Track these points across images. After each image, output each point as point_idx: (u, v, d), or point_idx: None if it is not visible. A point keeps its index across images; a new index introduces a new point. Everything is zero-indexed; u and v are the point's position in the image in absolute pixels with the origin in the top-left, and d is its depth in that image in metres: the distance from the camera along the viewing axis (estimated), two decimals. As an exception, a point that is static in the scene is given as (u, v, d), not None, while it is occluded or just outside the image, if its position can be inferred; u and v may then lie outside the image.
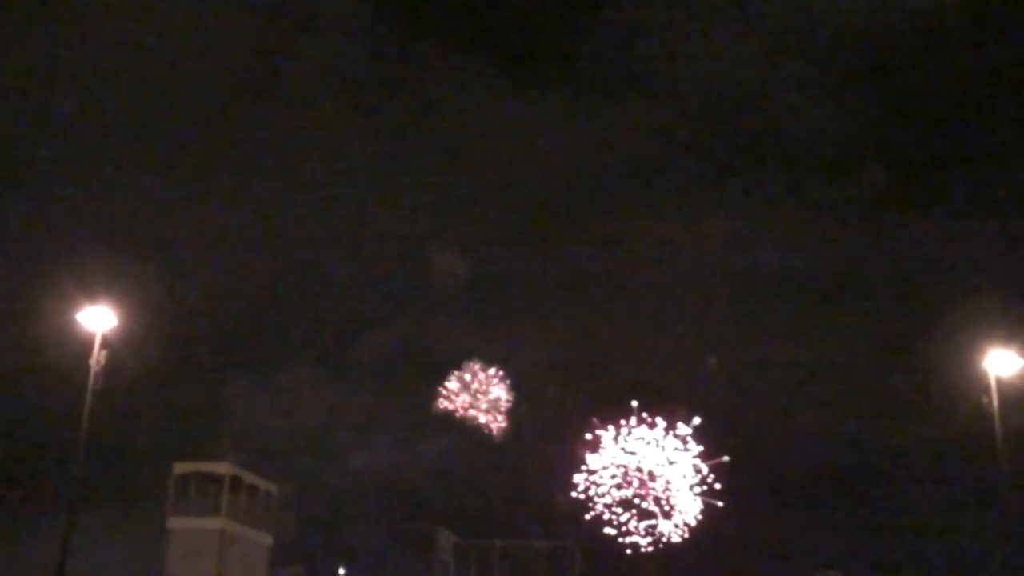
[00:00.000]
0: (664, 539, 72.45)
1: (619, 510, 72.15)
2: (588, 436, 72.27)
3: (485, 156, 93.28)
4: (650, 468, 72.61)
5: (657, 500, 72.70)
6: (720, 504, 74.77)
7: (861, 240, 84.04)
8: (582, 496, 71.66)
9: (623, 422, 72.09)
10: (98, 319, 37.38)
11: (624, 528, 72.54)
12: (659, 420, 72.20)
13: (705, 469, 71.69)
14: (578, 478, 71.44)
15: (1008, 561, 40.07)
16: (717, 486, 75.02)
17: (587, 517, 71.58)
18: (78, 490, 37.64)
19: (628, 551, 72.54)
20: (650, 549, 72.84)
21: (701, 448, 71.81)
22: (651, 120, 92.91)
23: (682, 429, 71.71)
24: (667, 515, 72.78)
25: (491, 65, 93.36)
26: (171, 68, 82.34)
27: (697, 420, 73.07)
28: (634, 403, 75.54)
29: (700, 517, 71.53)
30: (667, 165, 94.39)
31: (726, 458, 74.40)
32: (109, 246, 70.80)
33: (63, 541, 36.08)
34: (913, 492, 73.07)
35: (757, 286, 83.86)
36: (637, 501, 72.53)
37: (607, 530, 71.87)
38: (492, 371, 75.78)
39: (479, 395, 75.41)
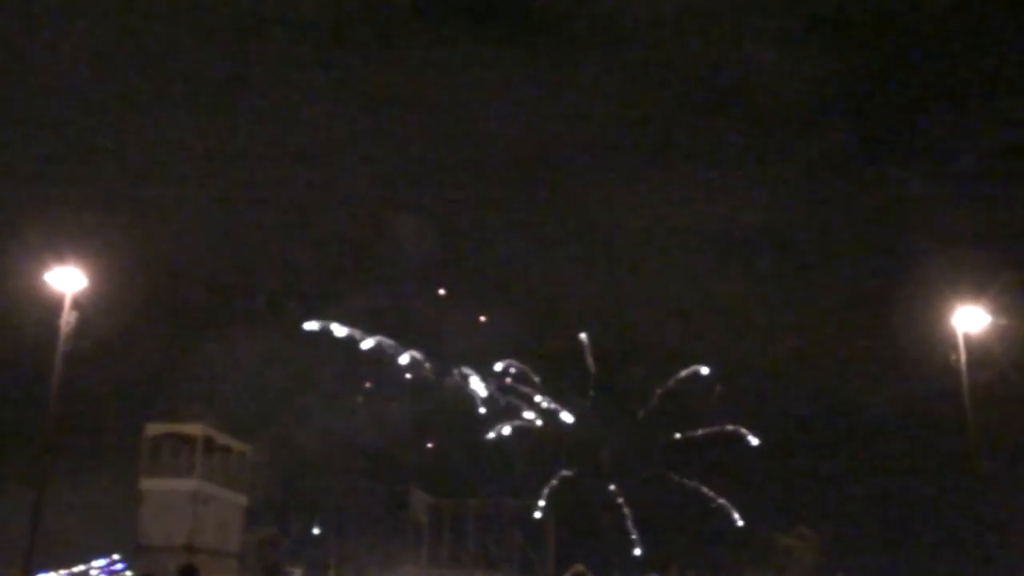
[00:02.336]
0: None
1: None
2: None
3: (452, 120, 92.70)
4: None
5: None
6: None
7: (829, 197, 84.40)
8: None
9: None
10: (68, 280, 37.08)
11: None
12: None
13: None
14: None
15: (976, 514, 40.68)
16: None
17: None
18: (49, 453, 37.49)
19: None
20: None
21: None
22: (620, 80, 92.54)
23: None
24: None
25: (458, 29, 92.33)
26: (144, 27, 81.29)
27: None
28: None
29: None
30: (635, 126, 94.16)
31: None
32: (79, 206, 70.11)
33: (35, 504, 35.96)
34: (882, 448, 73.94)
35: (725, 245, 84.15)
36: None
37: None
38: None
39: None
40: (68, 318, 36.48)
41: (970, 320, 38.69)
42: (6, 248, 58.04)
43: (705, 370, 78.11)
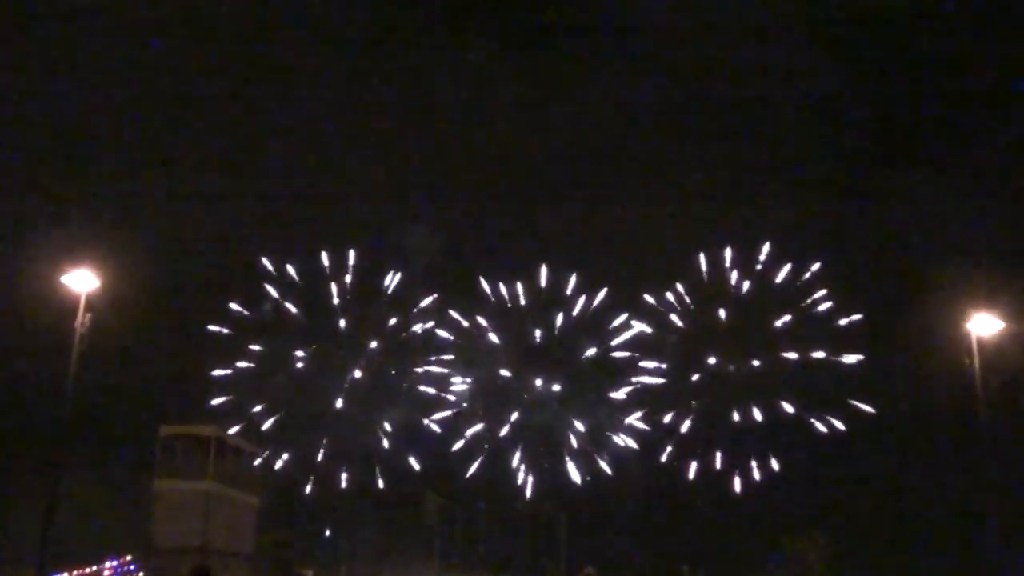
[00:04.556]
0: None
1: None
2: None
3: (458, 127, 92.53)
4: None
5: None
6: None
7: (843, 201, 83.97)
8: None
9: None
10: (82, 282, 37.33)
11: None
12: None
13: None
14: None
15: (988, 519, 40.59)
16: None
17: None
18: (63, 452, 37.70)
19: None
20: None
21: None
22: (629, 85, 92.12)
23: None
24: None
25: (465, 33, 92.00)
26: (156, 29, 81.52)
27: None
28: None
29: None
30: (646, 131, 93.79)
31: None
32: (93, 209, 70.53)
33: (48, 504, 36.14)
34: (895, 452, 73.67)
35: (734, 249, 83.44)
36: None
37: None
38: None
39: None
40: (83, 319, 36.72)
41: (984, 325, 38.70)
42: (22, 251, 58.65)
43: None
